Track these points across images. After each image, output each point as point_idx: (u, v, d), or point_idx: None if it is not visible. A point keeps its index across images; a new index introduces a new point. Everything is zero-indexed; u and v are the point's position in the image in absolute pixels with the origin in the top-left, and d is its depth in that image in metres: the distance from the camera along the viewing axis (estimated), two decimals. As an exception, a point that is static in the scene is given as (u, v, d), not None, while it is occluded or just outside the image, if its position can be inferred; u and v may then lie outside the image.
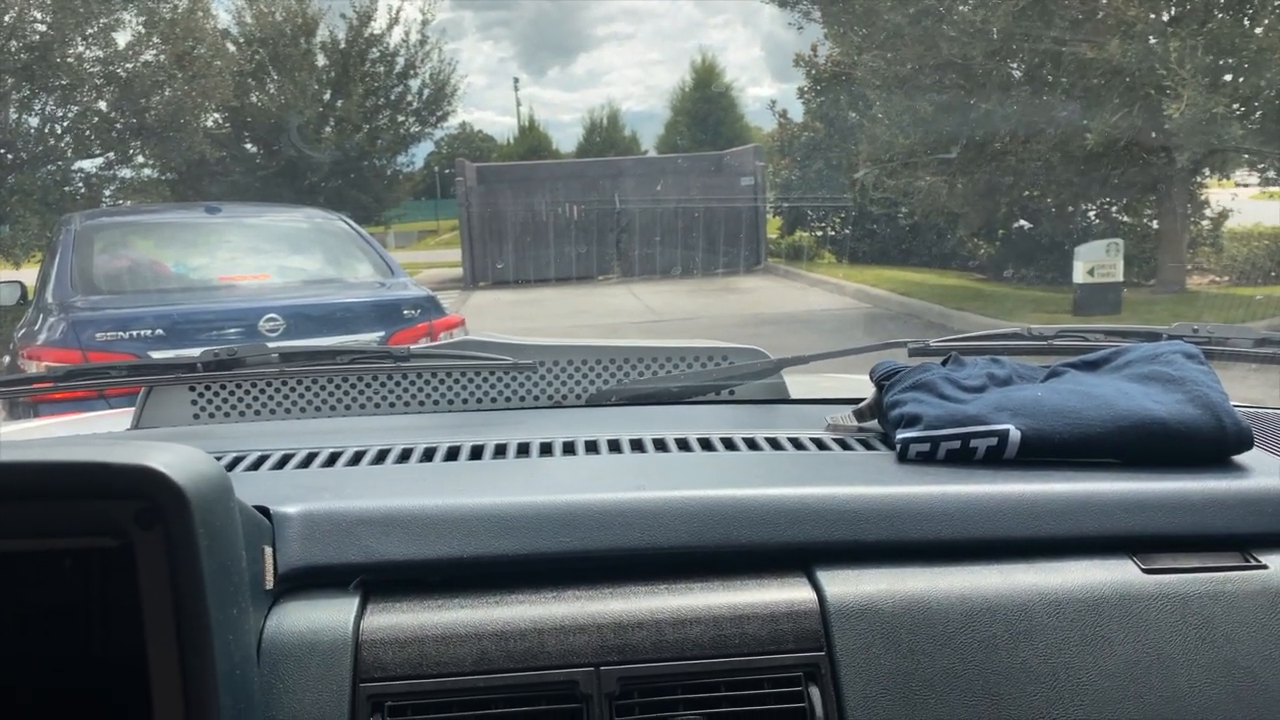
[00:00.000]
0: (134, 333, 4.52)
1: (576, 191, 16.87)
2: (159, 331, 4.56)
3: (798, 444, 1.08)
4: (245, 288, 5.40)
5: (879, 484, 0.92)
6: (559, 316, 11.80)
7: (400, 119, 18.64)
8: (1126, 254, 9.55)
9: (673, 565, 0.86)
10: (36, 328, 4.75)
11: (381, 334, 4.77)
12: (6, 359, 5.44)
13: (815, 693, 0.79)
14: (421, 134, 19.37)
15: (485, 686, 0.77)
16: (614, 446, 1.08)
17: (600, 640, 0.79)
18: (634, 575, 0.85)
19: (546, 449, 1.07)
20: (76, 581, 0.77)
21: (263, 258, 5.76)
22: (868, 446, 1.07)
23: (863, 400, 1.14)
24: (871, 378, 1.13)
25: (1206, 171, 10.69)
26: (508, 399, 1.36)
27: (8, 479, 0.60)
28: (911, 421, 1.01)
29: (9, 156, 12.07)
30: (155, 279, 5.37)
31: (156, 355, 4.12)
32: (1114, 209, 12.39)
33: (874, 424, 1.12)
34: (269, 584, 0.79)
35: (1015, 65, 10.35)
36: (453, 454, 1.06)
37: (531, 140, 32.85)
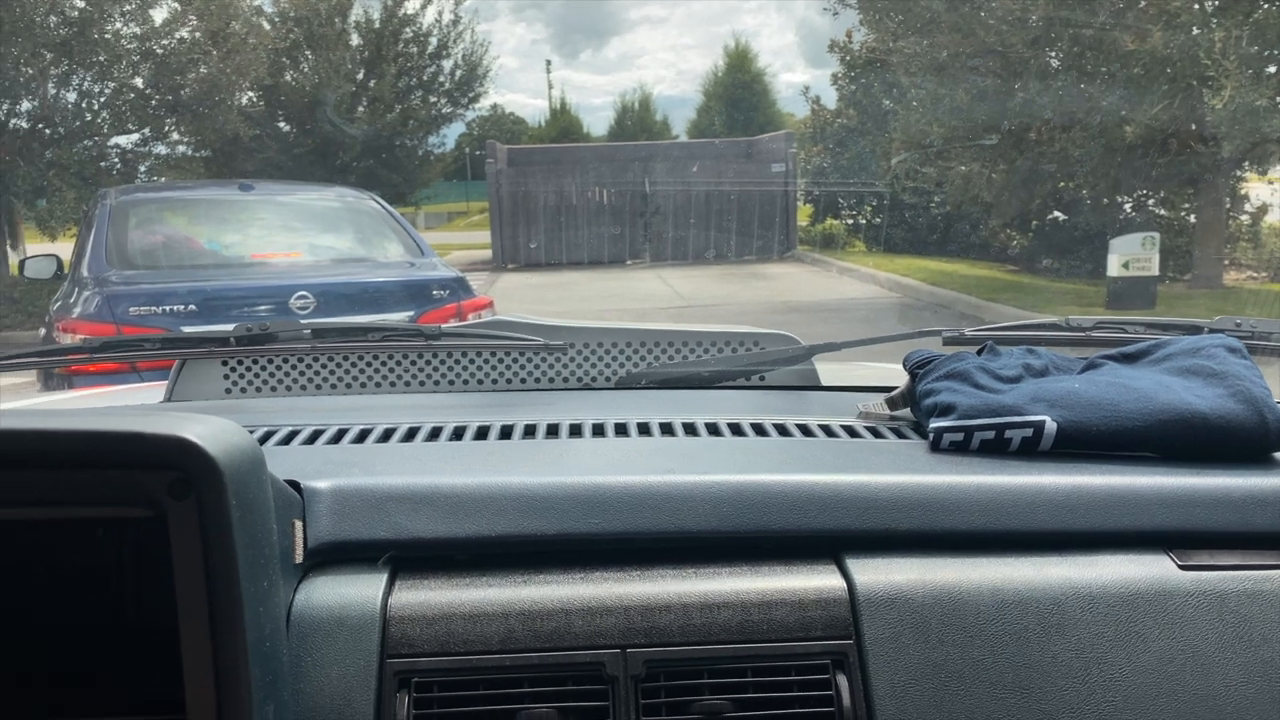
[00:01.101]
0: (167, 307, 4.57)
1: (607, 175, 16.84)
2: (191, 307, 4.60)
3: (829, 431, 1.07)
4: (277, 265, 5.44)
5: (911, 473, 0.91)
6: (587, 300, 11.80)
7: (432, 99, 18.66)
8: (1162, 247, 9.42)
9: (701, 550, 0.85)
10: (72, 301, 4.81)
11: (411, 313, 4.79)
12: (42, 331, 5.52)
13: (843, 681, 0.78)
14: (453, 115, 19.39)
15: (511, 665, 0.77)
16: (643, 430, 1.07)
17: (627, 622, 0.79)
18: (662, 559, 0.85)
19: (576, 430, 1.07)
20: (109, 550, 0.78)
21: (294, 236, 5.79)
22: (900, 435, 1.06)
23: (895, 389, 1.13)
24: (905, 366, 1.12)
25: (1247, 165, 10.51)
26: (537, 380, 1.35)
27: (45, 447, 0.61)
28: (945, 410, 1.00)
29: (47, 131, 12.21)
30: (188, 255, 5.42)
31: (188, 330, 4.16)
32: (1151, 201, 12.22)
33: (906, 412, 1.11)
34: (298, 558, 0.80)
35: (1054, 54, 10.20)
36: (482, 433, 1.06)
37: (563, 123, 32.82)
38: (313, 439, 1.04)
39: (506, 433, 1.06)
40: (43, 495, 0.62)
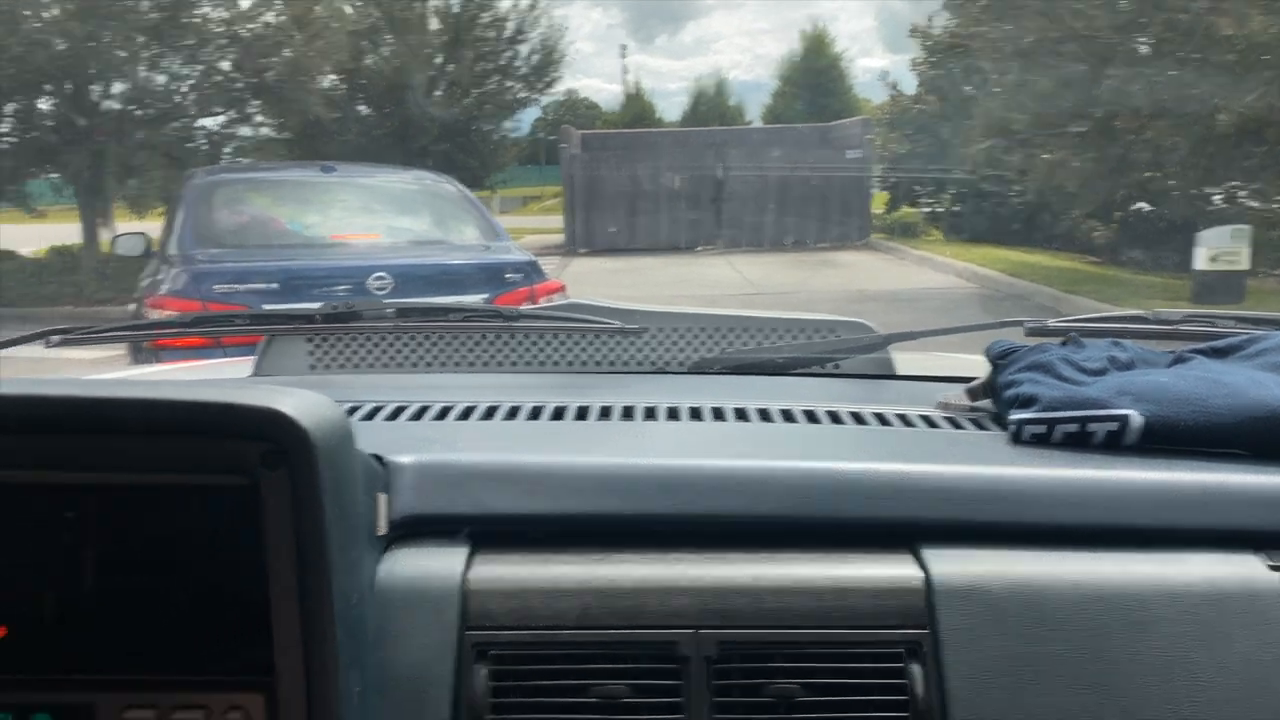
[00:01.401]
0: (250, 286, 4.69)
1: (680, 161, 16.80)
2: (273, 285, 4.72)
3: (906, 420, 1.06)
4: (355, 246, 5.54)
5: (991, 464, 0.90)
6: (657, 286, 11.80)
7: (509, 84, 18.78)
8: (1253, 241, 9.08)
9: (775, 535, 0.85)
10: (160, 278, 4.98)
11: (485, 296, 4.85)
12: (132, 306, 5.71)
13: (917, 670, 0.78)
14: (529, 100, 19.50)
15: (587, 641, 0.78)
16: (717, 414, 1.08)
17: (701, 604, 0.79)
18: (736, 542, 0.85)
19: (650, 414, 1.08)
20: (201, 518, 0.81)
21: (373, 217, 5.90)
22: (979, 426, 1.05)
23: (974, 380, 1.12)
24: (987, 356, 1.10)
25: (1348, 156, 10.06)
26: (610, 363, 1.36)
27: (147, 414, 0.63)
28: (1027, 402, 0.99)
29: (138, 113, 12.59)
30: (271, 234, 5.56)
31: (269, 309, 4.26)
32: (1243, 193, 11.77)
33: (987, 404, 1.10)
34: (382, 530, 0.82)
35: (1145, 39, 9.88)
36: (559, 413, 1.07)
37: (636, 108, 32.79)
38: (395, 415, 1.06)
39: (582, 414, 1.07)
40: (143, 461, 0.65)
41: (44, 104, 12.52)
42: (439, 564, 0.82)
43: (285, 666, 0.64)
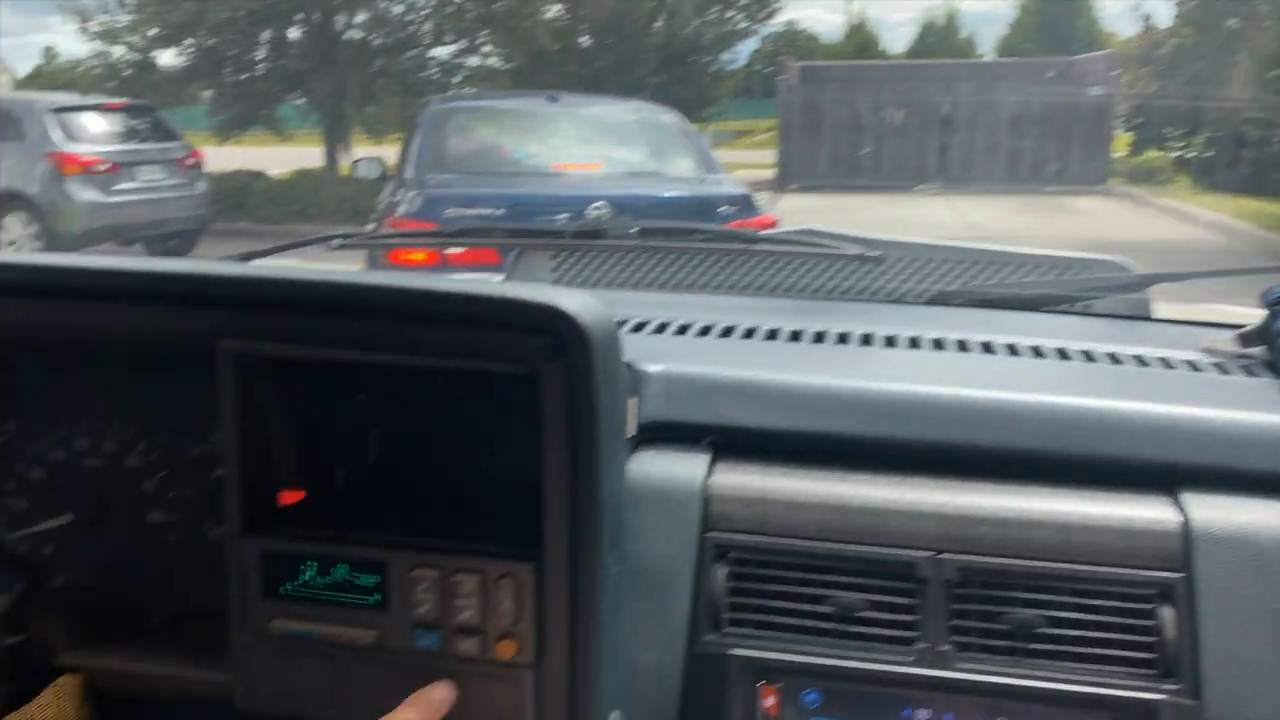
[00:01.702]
0: (477, 211, 4.92)
1: (902, 96, 16.15)
2: (499, 212, 4.93)
3: (1166, 363, 1.01)
4: (576, 176, 5.69)
5: (1261, 411, 0.84)
6: (867, 226, 11.39)
7: (729, 14, 18.54)
8: None
9: (1023, 468, 0.84)
10: (397, 200, 5.30)
11: (699, 228, 4.87)
12: (370, 226, 6.11)
13: (1168, 614, 0.75)
14: (748, 30, 19.19)
15: (824, 553, 0.80)
16: (962, 346, 1.06)
17: (943, 529, 0.80)
18: (980, 473, 0.84)
19: (890, 341, 1.07)
20: (479, 406, 0.88)
21: (594, 148, 6.02)
22: (1249, 374, 0.98)
23: (1242, 326, 1.05)
24: (1263, 301, 1.02)
25: None
26: (844, 291, 1.36)
27: (444, 304, 0.69)
28: (1309, 351, 0.92)
29: (376, 42, 13.30)
30: (498, 162, 5.78)
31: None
32: None
33: (1260, 350, 1.02)
34: (630, 432, 0.86)
35: None
36: (795, 336, 1.09)
37: (859, 40, 31.62)
38: (638, 329, 1.10)
39: (819, 338, 1.08)
40: (435, 348, 0.71)
41: (294, 32, 13.40)
42: (682, 468, 0.86)
43: (553, 543, 0.70)
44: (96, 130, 9.23)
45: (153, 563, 0.90)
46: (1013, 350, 1.04)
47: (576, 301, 0.67)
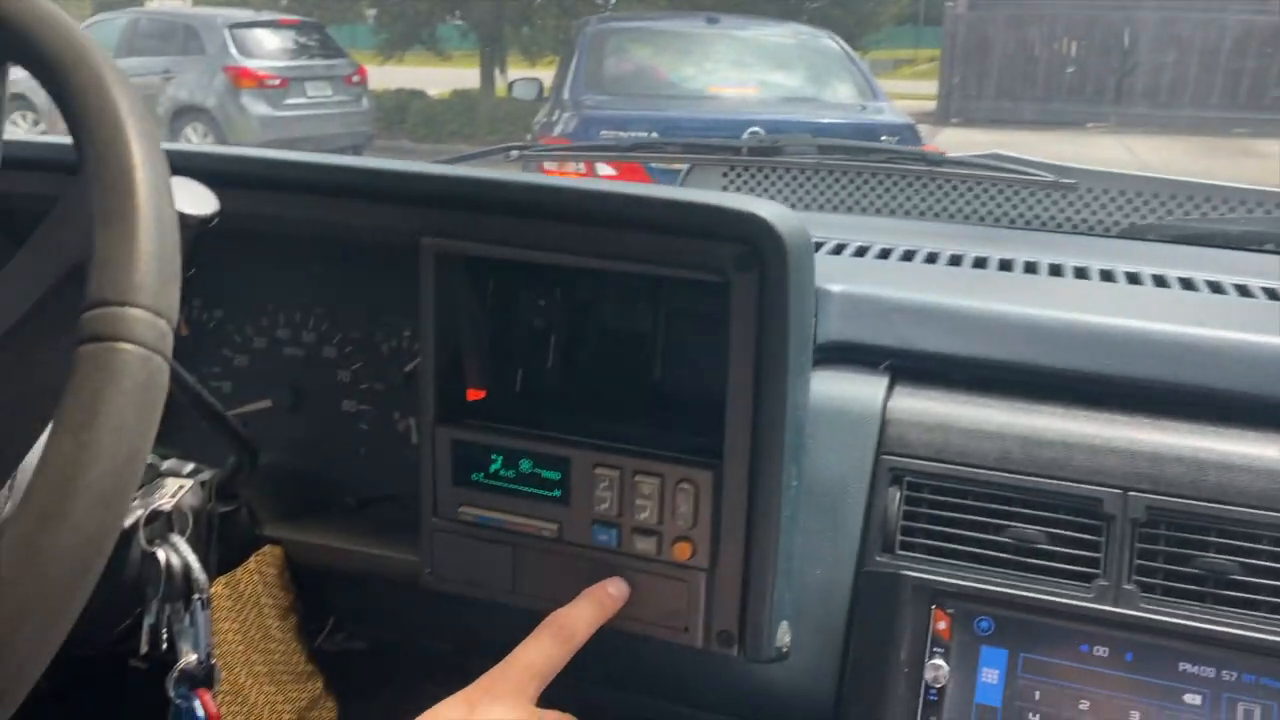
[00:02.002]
0: (632, 133, 4.91)
1: (1079, 26, 15.15)
2: (653, 134, 4.91)
3: None
4: (731, 99, 5.61)
5: None
6: (1033, 163, 10.89)
7: (895, -64, 17.74)
8: None
9: (1225, 410, 0.80)
10: (554, 120, 5.34)
11: (858, 157, 4.74)
12: (527, 147, 6.18)
13: None
14: (914, -47, 18.33)
15: (1004, 484, 0.78)
16: (1159, 281, 1.01)
17: (1132, 466, 0.77)
18: (1176, 411, 0.81)
19: (1081, 273, 1.03)
20: (650, 314, 0.89)
21: (751, 71, 5.91)
22: None
23: None
24: None
25: None
26: (1028, 220, 1.30)
27: (641, 209, 0.70)
28: None
29: (533, -39, 13.29)
30: (654, 84, 5.75)
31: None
32: None
33: None
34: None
35: None
36: (980, 263, 1.05)
37: (1034, -35, 29.74)
38: (815, 248, 1.09)
39: (1005, 266, 1.04)
40: (626, 252, 0.72)
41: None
42: (860, 389, 0.85)
43: (734, 453, 0.70)
44: (270, 46, 9.61)
45: (346, 448, 0.96)
46: (1216, 288, 0.98)
47: (774, 210, 0.67)
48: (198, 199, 0.63)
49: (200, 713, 0.73)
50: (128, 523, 0.71)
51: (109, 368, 0.46)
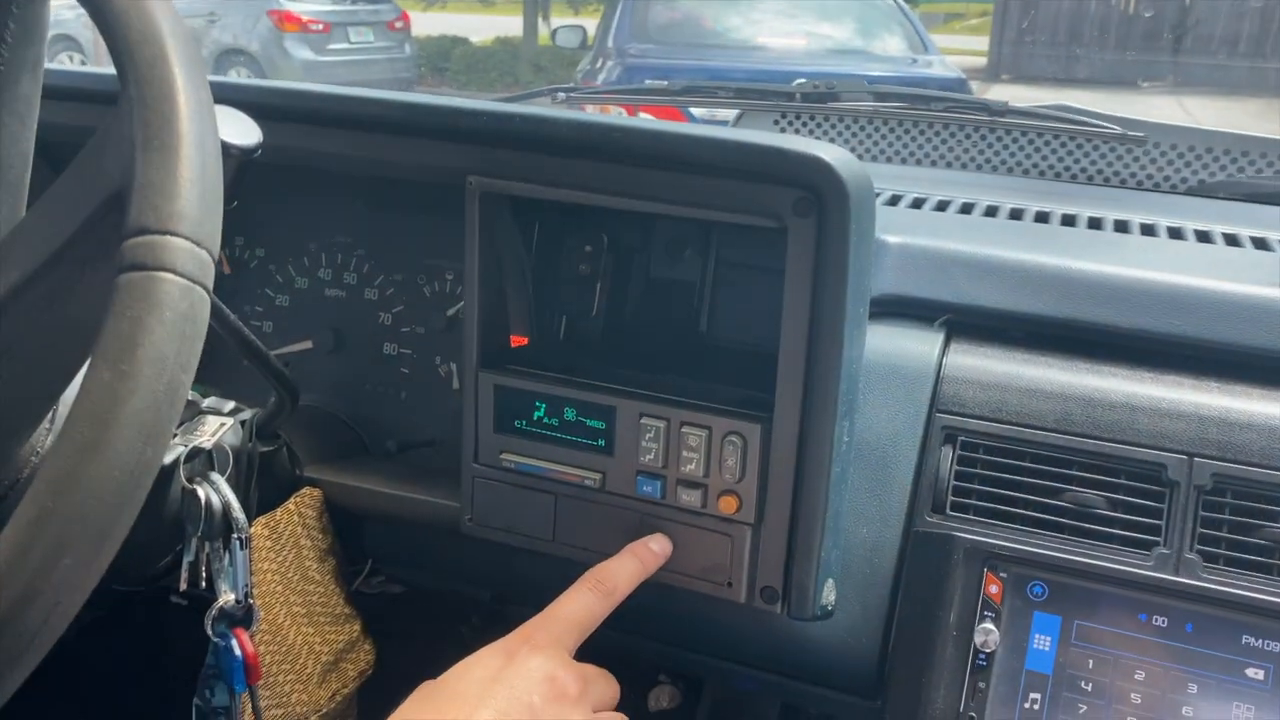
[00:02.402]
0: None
1: (1138, -20, 14.70)
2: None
3: None
4: (776, 50, 5.50)
5: None
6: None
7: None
8: None
9: (1296, 374, 0.76)
10: (597, 67, 5.28)
11: (907, 111, 4.65)
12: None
13: None
14: (970, -97, 17.81)
15: (1063, 446, 0.75)
16: (1231, 240, 0.96)
17: (1200, 431, 0.74)
18: (1248, 376, 0.77)
19: (1149, 230, 0.98)
20: (696, 263, 0.87)
21: (798, 21, 5.79)
22: None
23: None
24: None
25: None
26: (1092, 175, 1.26)
27: (696, 149, 0.67)
28: None
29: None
30: (699, 34, 5.65)
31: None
32: None
33: None
34: None
35: None
36: (1042, 218, 1.01)
37: (1093, -84, 28.82)
38: None
39: (1069, 221, 1.00)
40: (682, 196, 0.69)
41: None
42: (914, 345, 0.83)
43: (785, 406, 0.68)
44: (314, -11, 9.56)
45: (387, 392, 0.95)
46: (1291, 248, 0.94)
47: (837, 154, 0.64)
48: (242, 129, 0.61)
49: (238, 651, 0.73)
50: (168, 459, 0.70)
51: (150, 298, 0.44)
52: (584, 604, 0.67)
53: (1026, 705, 0.71)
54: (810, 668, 0.79)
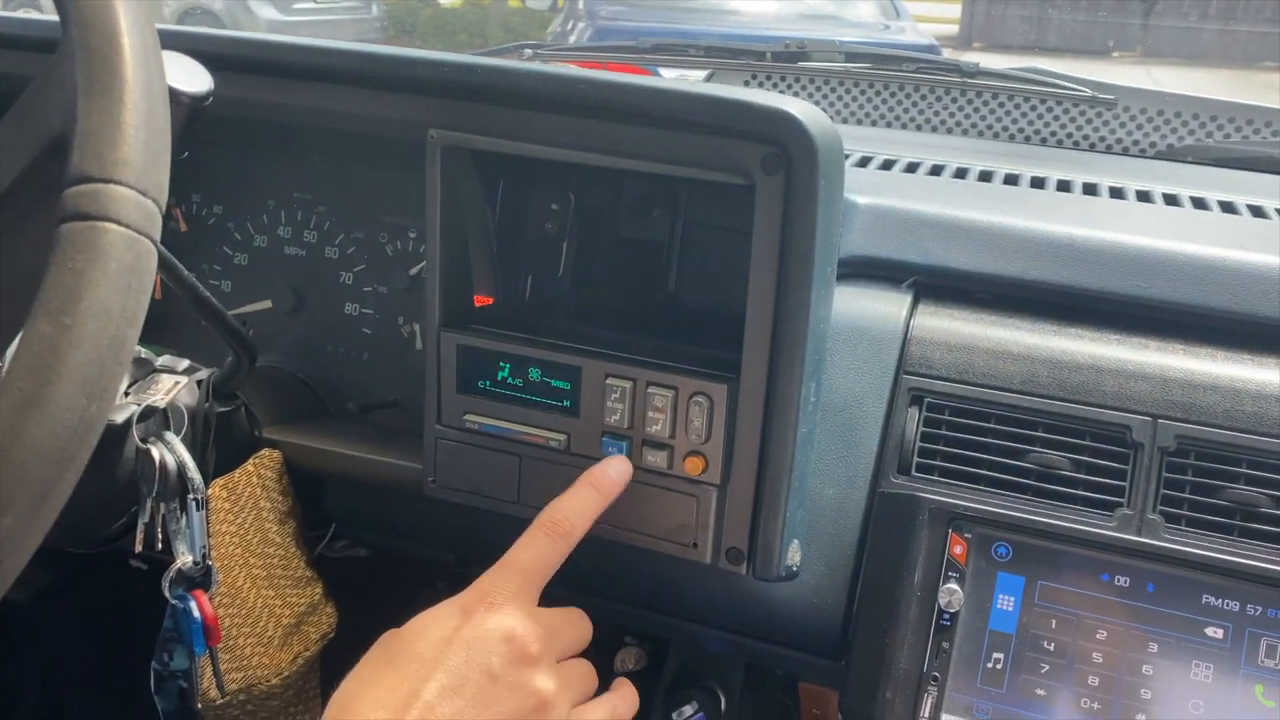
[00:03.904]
0: (647, 46, 4.78)
1: (1110, -52, 14.70)
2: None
3: None
4: (749, 14, 5.46)
5: None
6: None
7: None
8: None
9: (1264, 338, 0.76)
10: (568, 28, 5.22)
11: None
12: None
13: None
14: None
15: (1029, 408, 0.75)
16: (1199, 204, 0.96)
17: (1164, 393, 0.74)
18: (1212, 338, 0.77)
19: (1117, 193, 0.98)
20: (664, 225, 0.86)
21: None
22: None
23: None
24: None
25: None
26: (1061, 139, 1.25)
27: (660, 103, 0.66)
28: None
29: None
30: (672, -3, 5.59)
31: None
32: None
33: None
34: None
35: None
36: (1011, 180, 1.01)
37: (1067, -116, 28.77)
38: None
39: (1038, 183, 1.00)
40: (647, 150, 0.68)
41: None
42: (881, 307, 0.82)
43: (752, 366, 0.67)
44: (278, -53, 9.37)
45: (349, 353, 0.93)
46: (1258, 212, 0.94)
47: (806, 110, 0.63)
48: (192, 75, 0.59)
49: (196, 614, 0.72)
50: (120, 418, 0.68)
51: (92, 248, 0.43)
52: (540, 550, 0.64)
53: (990, 665, 0.72)
54: (775, 629, 0.79)
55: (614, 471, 0.70)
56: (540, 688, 0.60)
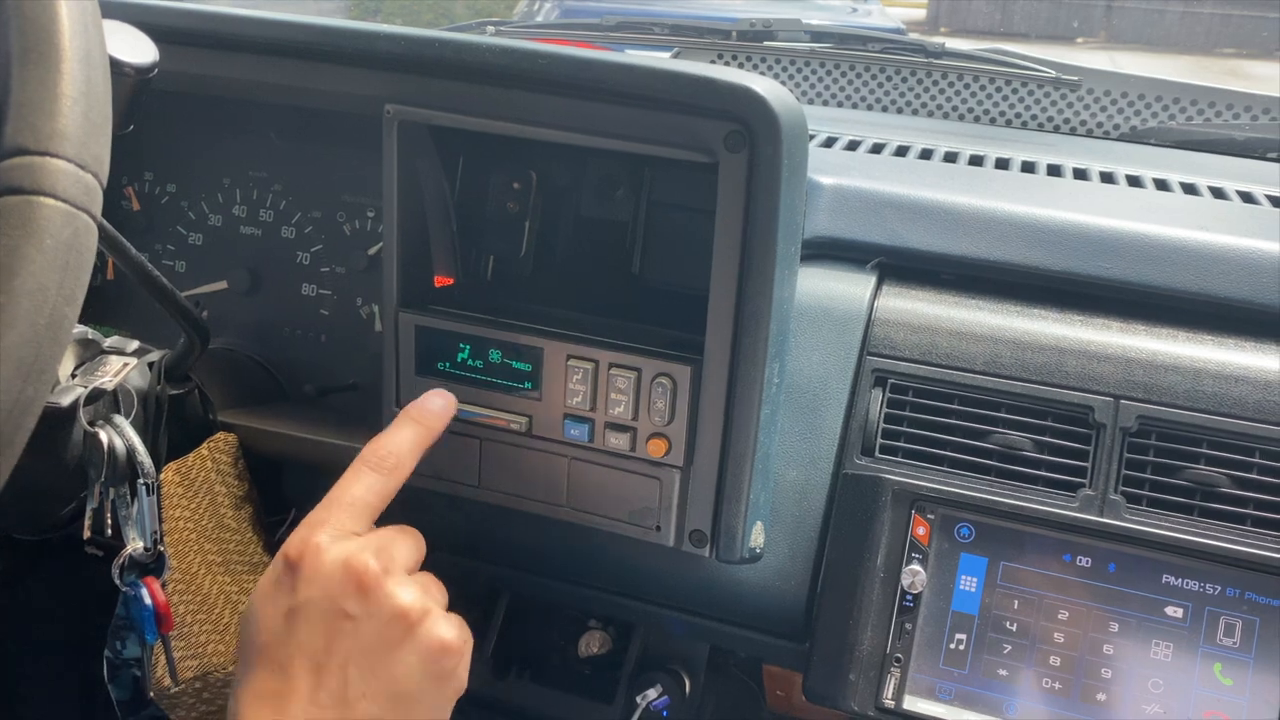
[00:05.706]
0: (614, 27, 4.75)
1: (1074, -66, 14.78)
2: (636, 29, 4.76)
3: None
4: (718, -2, 5.42)
5: None
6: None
7: None
8: None
9: (1225, 318, 0.77)
10: (535, 8, 5.16)
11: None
12: (504, 39, 5.97)
13: None
14: None
15: (992, 389, 0.75)
16: (1161, 185, 0.97)
17: (1126, 374, 0.74)
18: (1174, 319, 0.78)
19: (1081, 174, 0.98)
20: (628, 203, 0.84)
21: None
22: None
23: None
24: None
25: None
26: (1026, 121, 1.25)
27: (623, 79, 0.64)
28: None
29: None
30: (640, -23, 5.54)
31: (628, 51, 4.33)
32: None
33: None
34: None
35: None
36: (976, 161, 1.01)
37: None
38: None
39: (1002, 164, 1.00)
40: (609, 127, 0.67)
41: None
42: (846, 288, 0.82)
43: (715, 347, 0.67)
44: (238, -78, 9.20)
45: (306, 334, 0.91)
46: (1219, 194, 0.95)
47: (769, 86, 0.62)
48: (135, 46, 0.57)
49: (148, 601, 0.70)
50: (66, 400, 0.66)
51: (28, 224, 0.41)
52: (367, 485, 0.62)
53: (952, 646, 0.72)
54: (739, 611, 0.79)
55: (436, 405, 0.68)
56: (400, 603, 0.58)
